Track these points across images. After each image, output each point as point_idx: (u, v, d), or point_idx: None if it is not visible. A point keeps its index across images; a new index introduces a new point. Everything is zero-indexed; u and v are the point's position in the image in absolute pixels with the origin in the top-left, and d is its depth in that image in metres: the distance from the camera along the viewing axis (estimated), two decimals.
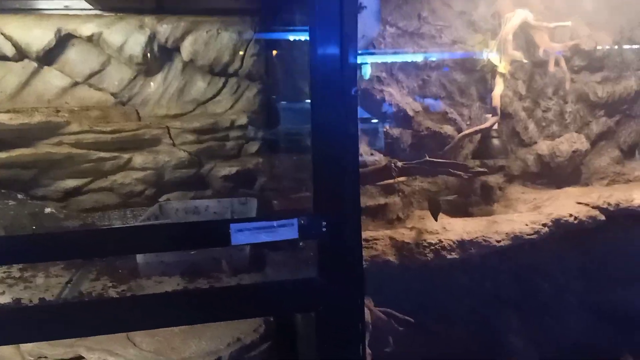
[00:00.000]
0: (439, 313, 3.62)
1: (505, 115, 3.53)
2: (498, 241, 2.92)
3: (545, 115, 3.58)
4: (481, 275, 3.67)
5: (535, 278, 3.66)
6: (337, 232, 1.77)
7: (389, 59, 3.27)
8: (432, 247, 2.91)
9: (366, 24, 1.76)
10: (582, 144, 3.46)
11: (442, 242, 2.91)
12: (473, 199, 3.55)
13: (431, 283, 3.53)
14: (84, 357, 2.27)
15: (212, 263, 2.06)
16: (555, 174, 3.55)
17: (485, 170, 2.71)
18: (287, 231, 1.78)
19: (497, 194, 3.55)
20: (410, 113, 3.29)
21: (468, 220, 3.15)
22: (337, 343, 1.83)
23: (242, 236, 1.76)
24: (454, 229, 2.99)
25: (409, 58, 3.29)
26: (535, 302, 3.59)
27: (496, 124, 3.13)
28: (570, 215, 3.02)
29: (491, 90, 3.47)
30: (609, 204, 3.09)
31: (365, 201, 3.40)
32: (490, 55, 2.91)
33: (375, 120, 3.31)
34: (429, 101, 3.38)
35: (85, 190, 3.08)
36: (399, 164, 2.50)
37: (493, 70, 2.98)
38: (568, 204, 3.15)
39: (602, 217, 3.09)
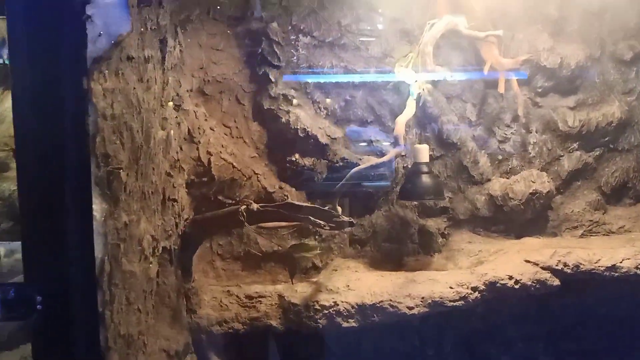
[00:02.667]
0: None
1: (449, 146, 2.89)
2: (410, 308, 2.27)
3: (502, 147, 2.91)
4: (420, 339, 3.00)
5: (487, 346, 2.95)
6: (60, 310, 1.22)
7: (302, 74, 2.71)
8: (326, 312, 2.29)
9: (109, 17, 1.22)
10: (542, 184, 2.76)
11: (337, 305, 2.29)
12: (410, 247, 2.90)
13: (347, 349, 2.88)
14: None
15: None
16: (512, 220, 2.86)
17: (352, 221, 2.09)
18: None
19: (439, 241, 2.89)
20: (323, 140, 2.70)
21: (384, 276, 2.51)
22: None
23: None
24: (358, 288, 2.37)
25: (326, 73, 2.72)
26: None
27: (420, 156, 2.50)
28: (510, 277, 2.34)
29: (432, 115, 2.86)
30: (565, 265, 2.39)
31: (272, 245, 2.82)
32: (401, 70, 2.30)
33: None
34: (352, 126, 2.79)
35: None
36: (255, 206, 1.92)
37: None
38: (515, 261, 2.46)
39: (556, 282, 2.39)
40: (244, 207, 1.90)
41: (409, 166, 2.71)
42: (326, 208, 2.03)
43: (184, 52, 2.48)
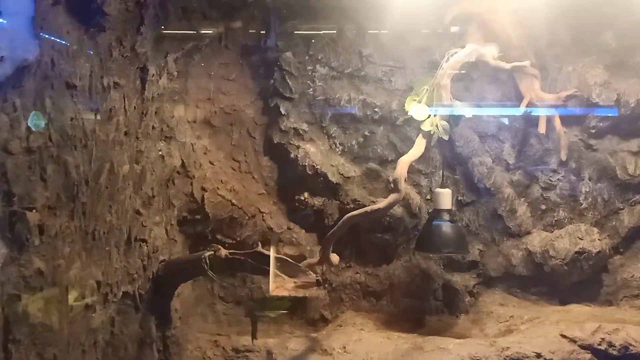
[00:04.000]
0: None
1: (482, 191, 2.53)
2: None
3: (546, 195, 2.51)
4: None
5: None
6: None
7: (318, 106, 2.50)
8: None
9: (13, 40, 1.09)
10: (592, 242, 2.32)
11: None
12: (433, 305, 2.54)
13: None
14: None
15: None
16: (555, 282, 2.43)
17: (319, 280, 1.80)
18: None
19: (466, 301, 2.51)
20: (334, 179, 2.45)
21: (390, 339, 2.19)
22: None
23: None
24: (356, 351, 2.07)
25: (345, 107, 2.50)
26: None
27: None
28: (538, 355, 1.93)
29: (462, 156, 2.53)
30: (610, 345, 1.95)
31: (279, 291, 2.58)
32: (414, 106, 2.01)
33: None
34: (370, 164, 2.52)
35: None
36: (224, 252, 1.71)
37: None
38: (550, 334, 2.05)
39: None
40: (209, 253, 1.69)
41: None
42: (302, 264, 1.77)
43: (189, 82, 2.37)
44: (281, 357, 2.08)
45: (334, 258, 2.04)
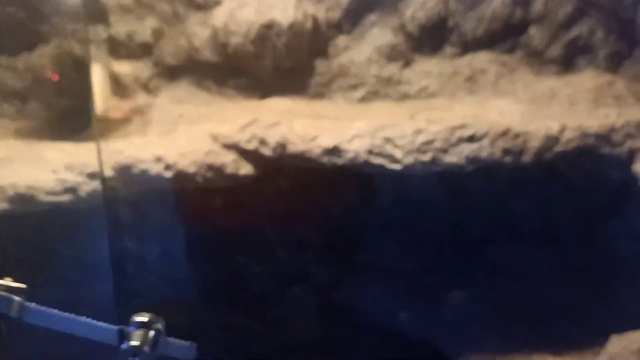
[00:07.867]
0: None
1: None
2: None
3: None
4: None
5: None
6: None
7: None
8: None
9: None
10: (285, 12, 1.70)
11: None
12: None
13: None
14: None
15: None
16: (251, 71, 1.84)
17: None
18: None
19: (142, 100, 1.88)
20: None
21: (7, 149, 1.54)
22: None
23: None
24: None
25: None
26: None
27: None
28: (158, 160, 1.39)
29: None
30: (263, 143, 1.44)
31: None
32: None
33: None
34: None
35: None
36: None
37: None
38: (198, 134, 1.50)
39: (245, 169, 1.45)
40: None
41: None
42: None
43: None
44: None
45: None
